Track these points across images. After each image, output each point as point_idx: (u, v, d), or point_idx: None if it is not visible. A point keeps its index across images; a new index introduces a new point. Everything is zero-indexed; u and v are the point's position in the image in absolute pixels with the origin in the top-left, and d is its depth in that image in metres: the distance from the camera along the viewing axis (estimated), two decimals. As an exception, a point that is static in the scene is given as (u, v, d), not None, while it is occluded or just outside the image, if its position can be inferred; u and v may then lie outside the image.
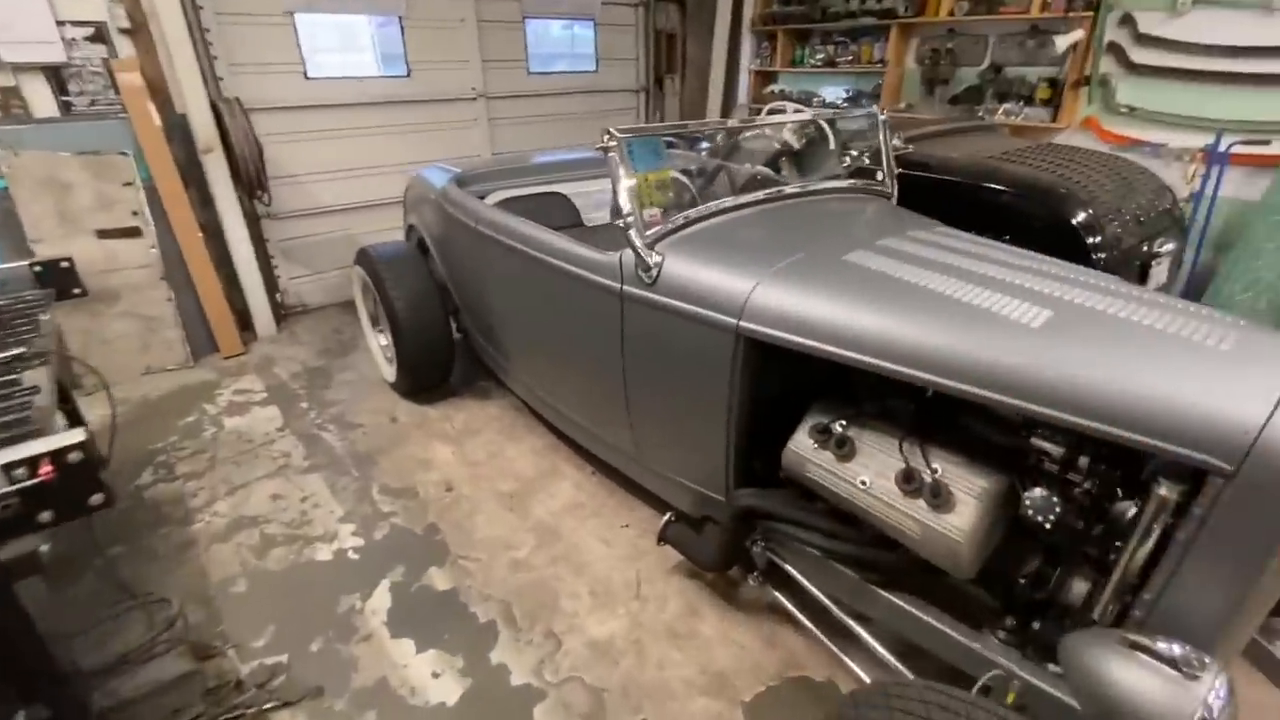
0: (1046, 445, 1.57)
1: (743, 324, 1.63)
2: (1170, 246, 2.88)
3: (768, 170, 2.51)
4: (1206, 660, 1.05)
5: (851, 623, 1.73)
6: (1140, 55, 3.97)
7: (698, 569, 2.13)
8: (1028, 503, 1.37)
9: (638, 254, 1.77)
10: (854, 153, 2.73)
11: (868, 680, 1.73)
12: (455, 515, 2.49)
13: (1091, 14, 3.92)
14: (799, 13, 5.50)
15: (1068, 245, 2.70)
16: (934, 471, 1.47)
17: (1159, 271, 2.93)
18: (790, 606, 1.90)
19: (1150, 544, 1.22)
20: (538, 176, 3.19)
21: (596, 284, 1.93)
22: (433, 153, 4.77)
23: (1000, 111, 4.49)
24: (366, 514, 2.51)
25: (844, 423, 1.64)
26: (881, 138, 2.37)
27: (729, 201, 1.97)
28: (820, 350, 1.53)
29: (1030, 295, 1.47)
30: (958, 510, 1.42)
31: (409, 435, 3.02)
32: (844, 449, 1.60)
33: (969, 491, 1.42)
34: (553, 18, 5.31)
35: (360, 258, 3.19)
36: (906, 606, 1.61)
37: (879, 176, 2.39)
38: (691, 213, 1.89)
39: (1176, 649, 1.09)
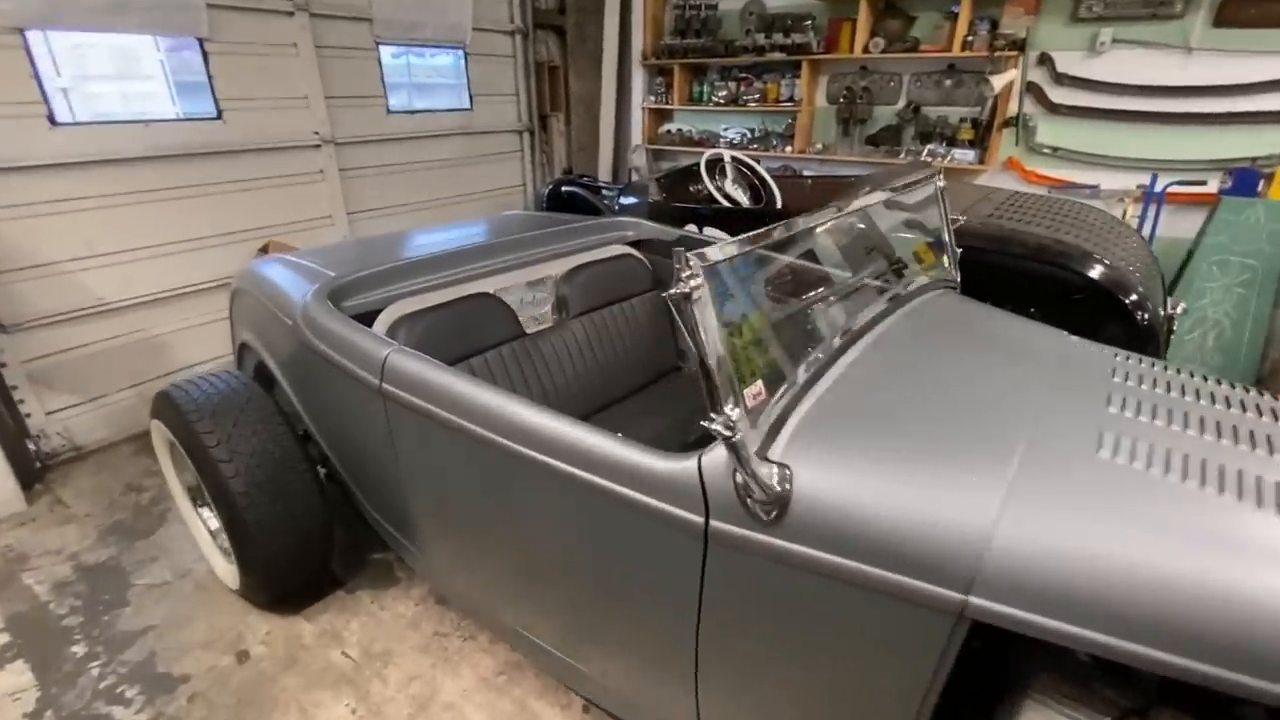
0: None
1: (975, 602, 0.89)
2: (1183, 306, 2.61)
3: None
4: None
5: None
6: (1059, 95, 3.89)
7: None
8: None
9: (749, 475, 0.96)
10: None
11: None
12: None
13: (1018, 54, 3.77)
14: (697, 46, 5.00)
15: (1106, 312, 2.35)
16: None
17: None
18: None
19: None
20: (434, 274, 2.16)
21: (664, 515, 1.08)
22: (265, 217, 3.58)
23: (925, 153, 4.25)
24: None
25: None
26: (941, 211, 1.79)
27: (833, 345, 1.22)
28: (1151, 660, 0.83)
29: None
30: None
31: (274, 684, 1.91)
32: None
33: None
34: (413, 44, 4.32)
35: (160, 407, 2.03)
36: None
37: (944, 262, 1.80)
38: (800, 380, 1.11)
39: None
